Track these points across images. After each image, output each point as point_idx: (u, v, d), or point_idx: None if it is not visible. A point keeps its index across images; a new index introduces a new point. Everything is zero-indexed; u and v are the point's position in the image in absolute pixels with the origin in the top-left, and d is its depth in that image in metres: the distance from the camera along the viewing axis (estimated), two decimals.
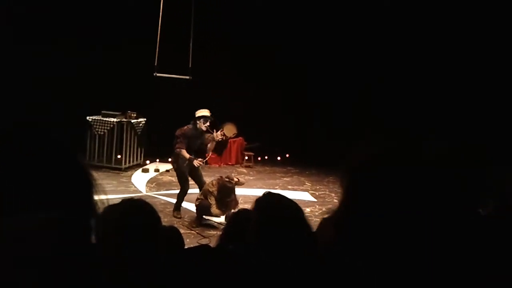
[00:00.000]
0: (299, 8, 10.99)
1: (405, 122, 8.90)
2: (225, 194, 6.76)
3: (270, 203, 2.17)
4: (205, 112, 7.15)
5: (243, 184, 7.37)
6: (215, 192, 6.77)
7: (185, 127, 7.11)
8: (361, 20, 10.44)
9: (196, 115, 7.13)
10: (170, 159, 7.57)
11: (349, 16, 10.63)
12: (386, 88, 10.27)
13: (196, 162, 6.96)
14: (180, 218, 7.19)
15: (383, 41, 10.27)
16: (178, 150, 6.94)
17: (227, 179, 6.89)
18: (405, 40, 10.04)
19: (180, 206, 7.36)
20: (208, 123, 7.10)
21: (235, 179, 7.09)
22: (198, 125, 7.07)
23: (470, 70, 9.30)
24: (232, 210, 6.59)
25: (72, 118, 9.45)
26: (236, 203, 6.94)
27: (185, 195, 7.26)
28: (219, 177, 7.04)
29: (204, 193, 6.88)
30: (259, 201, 2.19)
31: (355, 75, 10.80)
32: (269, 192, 2.36)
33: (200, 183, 7.26)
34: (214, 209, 6.76)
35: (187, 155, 6.94)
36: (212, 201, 6.77)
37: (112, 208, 1.73)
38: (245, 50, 10.98)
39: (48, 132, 0.69)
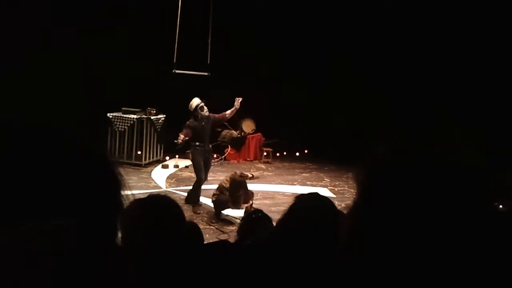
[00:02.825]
0: (321, 3, 10.93)
1: (424, 121, 8.84)
2: (235, 188, 6.95)
3: (304, 203, 2.16)
4: (197, 100, 7.43)
5: (257, 178, 7.54)
6: (228, 187, 6.98)
7: (188, 121, 7.41)
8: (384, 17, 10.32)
9: (192, 109, 7.39)
10: (188, 151, 7.88)
11: (371, 12, 10.52)
12: (406, 86, 10.15)
13: (179, 139, 7.14)
14: (199, 213, 7.28)
15: (409, 38, 10.15)
16: (178, 137, 7.18)
17: (238, 174, 7.10)
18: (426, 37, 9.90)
19: (198, 199, 7.49)
20: (205, 108, 7.38)
21: (249, 175, 7.32)
22: (199, 116, 7.32)
23: (486, 69, 9.16)
24: (245, 204, 6.85)
25: (93, 115, 9.58)
26: (249, 197, 7.11)
27: (200, 185, 7.44)
28: (232, 173, 7.25)
29: (220, 188, 7.07)
30: (298, 200, 2.18)
31: (375, 71, 10.68)
32: (313, 193, 2.35)
33: (206, 175, 7.56)
34: (224, 198, 7.01)
35: (181, 137, 7.14)
36: (225, 192, 7.03)
37: (139, 203, 1.75)
38: (264, 46, 10.95)
39: (72, 132, 0.67)
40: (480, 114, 8.74)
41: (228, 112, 7.75)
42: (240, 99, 7.81)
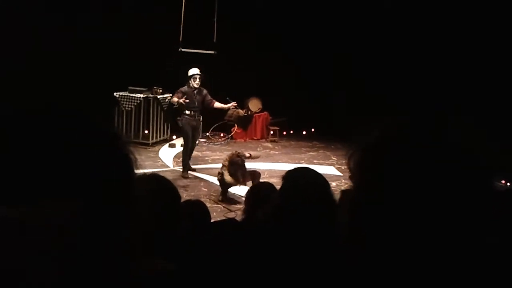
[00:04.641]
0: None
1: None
2: (233, 168, 6.97)
3: (297, 178, 2.18)
4: (194, 70, 7.90)
5: (257, 157, 7.52)
6: (228, 165, 7.00)
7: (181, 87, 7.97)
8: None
9: (188, 75, 7.88)
10: (178, 118, 8.27)
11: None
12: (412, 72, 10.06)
13: (177, 100, 7.78)
14: (187, 178, 7.79)
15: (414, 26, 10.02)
16: (170, 98, 7.89)
17: (236, 154, 7.10)
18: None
19: (187, 165, 7.97)
20: (198, 80, 7.82)
21: (246, 154, 7.36)
22: (190, 84, 7.82)
23: (486, 69, 9.05)
24: (248, 182, 6.79)
25: (100, 94, 9.60)
26: (254, 176, 7.00)
27: (189, 152, 7.99)
28: (231, 152, 7.29)
29: (223, 167, 7.05)
30: (287, 175, 2.20)
31: (384, 53, 10.57)
32: (298, 167, 2.37)
33: (194, 143, 8.17)
34: (227, 177, 6.93)
35: (174, 99, 7.89)
36: (225, 171, 6.97)
37: None
38: (271, 24, 10.84)
39: (83, 113, 0.69)
40: (480, 114, 8.66)
41: (218, 104, 8.25)
42: (235, 103, 8.55)
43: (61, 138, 0.63)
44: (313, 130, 12.22)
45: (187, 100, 7.73)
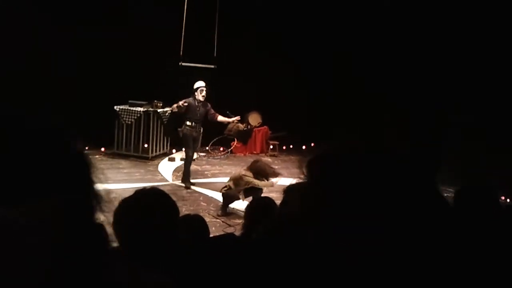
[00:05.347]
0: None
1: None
2: (261, 174, 6.93)
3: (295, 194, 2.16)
4: (200, 83, 8.12)
5: (275, 179, 7.40)
6: (250, 175, 6.87)
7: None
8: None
9: (194, 88, 8.10)
10: (178, 129, 8.43)
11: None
12: (411, 82, 10.10)
13: (177, 105, 8.04)
14: (189, 188, 7.95)
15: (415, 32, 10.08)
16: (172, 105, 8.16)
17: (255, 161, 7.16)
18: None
19: (189, 175, 8.14)
20: (204, 93, 8.03)
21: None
22: (196, 96, 8.02)
23: (486, 69, 9.09)
24: (248, 198, 6.71)
25: (101, 108, 9.62)
26: (252, 192, 6.90)
27: (189, 162, 8.18)
28: (253, 161, 7.30)
29: (236, 180, 6.91)
30: (288, 189, 2.19)
31: (376, 71, 10.62)
32: (300, 182, 2.35)
33: (193, 153, 8.38)
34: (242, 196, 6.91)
35: (174, 105, 8.09)
36: (242, 186, 6.86)
37: (126, 202, 1.75)
38: (271, 38, 10.91)
39: (35, 120, 0.70)
40: (480, 114, 8.70)
41: (221, 118, 8.51)
42: (238, 118, 8.89)
43: (17, 145, 0.66)
44: (313, 144, 12.21)
45: (186, 103, 7.94)
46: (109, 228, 0.74)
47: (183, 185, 8.30)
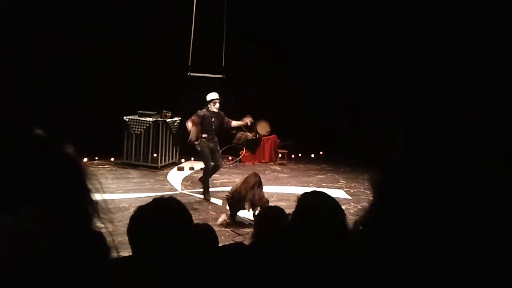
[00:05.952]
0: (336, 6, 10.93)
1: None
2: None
3: (310, 202, 2.16)
4: (214, 95, 8.14)
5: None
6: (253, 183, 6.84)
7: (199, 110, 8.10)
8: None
9: (207, 100, 8.12)
10: (196, 142, 8.29)
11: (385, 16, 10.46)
12: (422, 88, 10.06)
13: (189, 125, 7.88)
14: (209, 200, 7.90)
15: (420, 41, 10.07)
16: (186, 121, 8.03)
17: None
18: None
19: (208, 187, 8.13)
20: (217, 105, 8.06)
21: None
22: (210, 108, 8.05)
23: (486, 69, 9.03)
24: (257, 207, 6.65)
25: (110, 118, 9.70)
26: (260, 201, 6.85)
27: (209, 172, 8.18)
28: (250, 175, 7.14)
29: (238, 190, 6.89)
30: (301, 199, 2.19)
31: (394, 74, 10.61)
32: (315, 191, 2.35)
33: (217, 164, 8.25)
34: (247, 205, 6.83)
35: (189, 125, 7.90)
36: (249, 195, 6.80)
37: (143, 209, 1.76)
38: (278, 47, 10.95)
39: (26, 128, 0.71)
40: (480, 114, 8.62)
41: (235, 123, 8.54)
42: (250, 118, 8.87)
43: (11, 153, 0.66)
44: (321, 153, 12.19)
45: (198, 117, 7.94)
46: (108, 237, 0.74)
47: (192, 195, 8.32)
